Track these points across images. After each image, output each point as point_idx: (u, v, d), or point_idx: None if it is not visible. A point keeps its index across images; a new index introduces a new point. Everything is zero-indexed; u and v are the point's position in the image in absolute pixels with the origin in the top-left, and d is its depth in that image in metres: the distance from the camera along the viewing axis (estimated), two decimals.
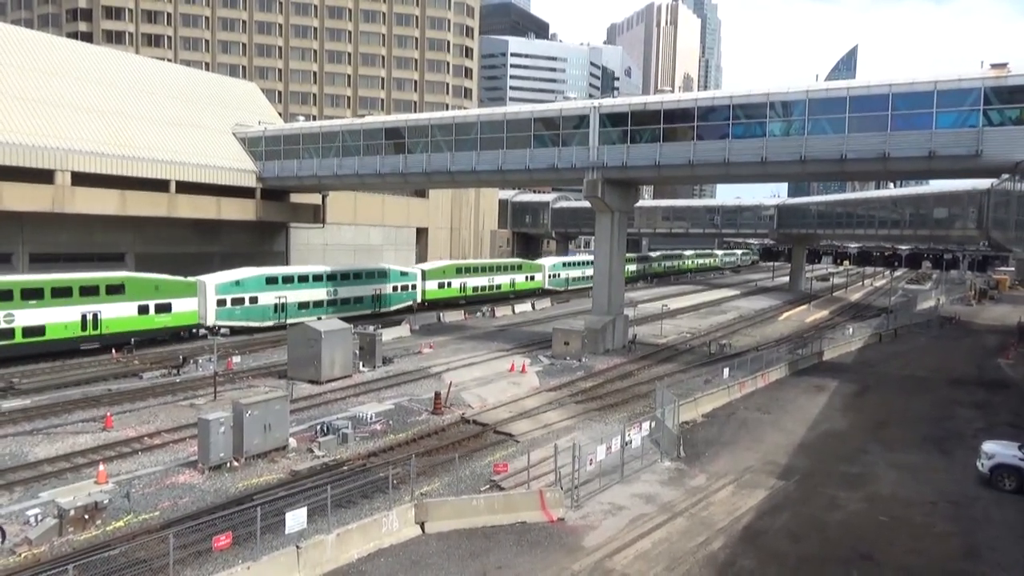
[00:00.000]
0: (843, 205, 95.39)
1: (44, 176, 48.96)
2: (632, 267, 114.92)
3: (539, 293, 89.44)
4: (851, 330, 64.04)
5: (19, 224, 50.61)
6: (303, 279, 58.82)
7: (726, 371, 40.84)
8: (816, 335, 60.94)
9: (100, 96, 56.53)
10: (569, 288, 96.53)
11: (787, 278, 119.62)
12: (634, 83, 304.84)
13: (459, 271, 77.53)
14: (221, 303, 52.37)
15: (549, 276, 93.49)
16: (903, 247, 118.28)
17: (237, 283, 53.47)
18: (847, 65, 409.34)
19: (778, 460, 28.90)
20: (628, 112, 47.92)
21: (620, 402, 37.40)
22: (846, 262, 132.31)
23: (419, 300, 71.17)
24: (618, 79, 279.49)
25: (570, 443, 26.06)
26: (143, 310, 47.28)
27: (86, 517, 20.66)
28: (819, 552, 20.87)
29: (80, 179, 50.67)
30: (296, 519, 19.06)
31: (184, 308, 49.76)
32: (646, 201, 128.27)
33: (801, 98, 42.69)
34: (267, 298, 55.46)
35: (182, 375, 40.64)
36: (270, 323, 55.44)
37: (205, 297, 51.11)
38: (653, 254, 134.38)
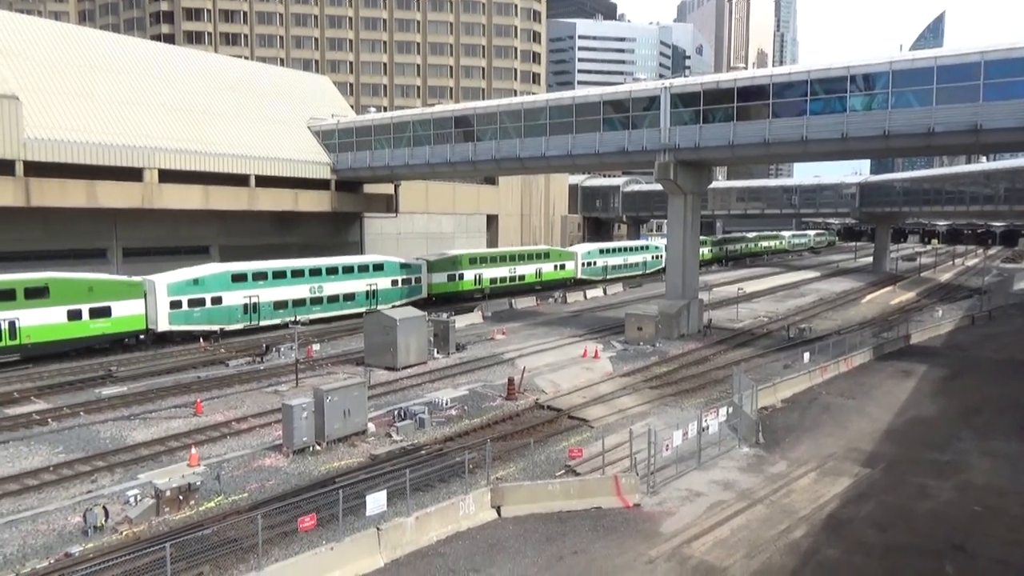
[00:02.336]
0: (931, 181, 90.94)
1: (134, 174, 51.39)
2: (704, 250, 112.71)
3: (571, 284, 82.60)
4: (941, 312, 61.26)
5: (112, 220, 53.36)
6: (279, 275, 52.63)
7: (806, 355, 39.71)
8: (902, 318, 58.50)
9: (182, 95, 58.87)
10: (608, 277, 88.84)
11: (870, 259, 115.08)
12: (706, 61, 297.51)
13: (473, 261, 70.28)
14: (175, 305, 46.38)
15: (583, 264, 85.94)
16: (997, 224, 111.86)
17: (195, 282, 47.52)
18: (934, 33, 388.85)
19: (863, 447, 27.96)
20: (700, 91, 46.84)
21: (696, 387, 36.85)
22: (934, 240, 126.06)
23: (425, 295, 64.22)
24: (689, 58, 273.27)
25: (645, 429, 25.83)
26: (74, 315, 41.51)
27: (180, 498, 21.73)
28: (908, 542, 20.12)
29: (166, 176, 53.00)
30: (376, 502, 19.54)
31: (127, 312, 43.98)
32: (720, 182, 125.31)
33: (884, 70, 40.81)
34: (233, 298, 49.42)
35: (265, 363, 42.15)
36: (239, 326, 49.82)
37: (155, 298, 45.48)
38: (711, 238, 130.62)
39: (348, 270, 57.59)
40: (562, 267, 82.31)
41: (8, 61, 47.71)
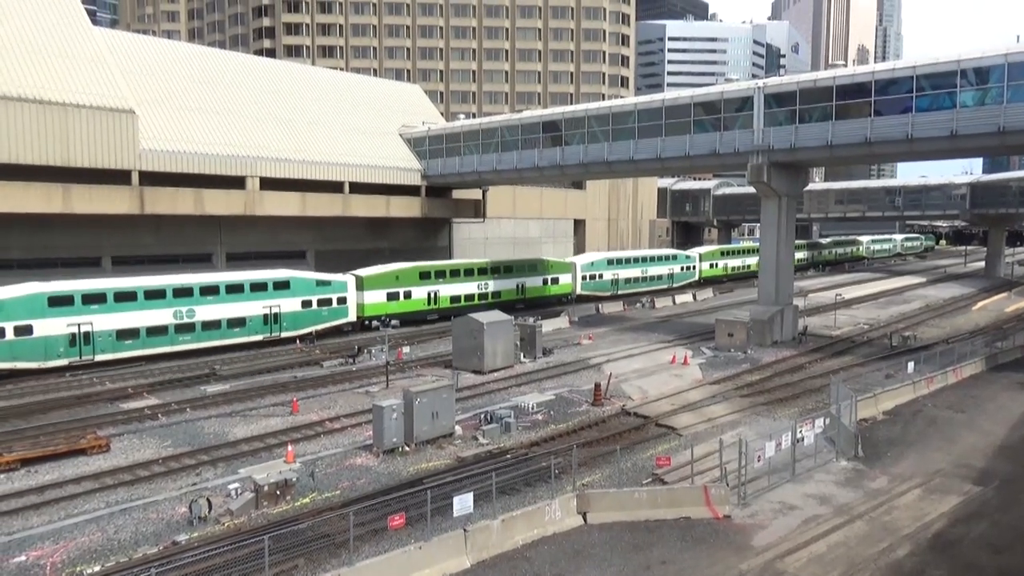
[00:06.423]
0: None
1: (237, 183, 54.03)
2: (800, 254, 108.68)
3: (567, 301, 69.35)
4: None
5: (217, 227, 56.23)
6: (125, 297, 41.61)
7: (911, 365, 37.70)
8: (1019, 326, 54.75)
9: (282, 106, 61.48)
10: (619, 292, 76.23)
11: (982, 263, 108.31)
12: (802, 59, 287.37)
13: (425, 276, 58.37)
14: None
15: (583, 278, 72.98)
16: None
17: None
18: None
19: (974, 463, 26.30)
20: (796, 91, 45.33)
21: (790, 397, 35.59)
22: None
23: (354, 317, 53.46)
24: (784, 56, 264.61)
25: (736, 438, 25.16)
26: None
27: (278, 493, 22.61)
28: None
29: (267, 184, 55.47)
30: (463, 503, 19.78)
31: None
32: (816, 184, 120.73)
33: (999, 62, 38.39)
34: (51, 327, 39.01)
35: (357, 364, 43.38)
36: (61, 362, 39.69)
37: None
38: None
39: (235, 289, 46.25)
40: (554, 281, 69.88)
41: (126, 78, 50.96)
